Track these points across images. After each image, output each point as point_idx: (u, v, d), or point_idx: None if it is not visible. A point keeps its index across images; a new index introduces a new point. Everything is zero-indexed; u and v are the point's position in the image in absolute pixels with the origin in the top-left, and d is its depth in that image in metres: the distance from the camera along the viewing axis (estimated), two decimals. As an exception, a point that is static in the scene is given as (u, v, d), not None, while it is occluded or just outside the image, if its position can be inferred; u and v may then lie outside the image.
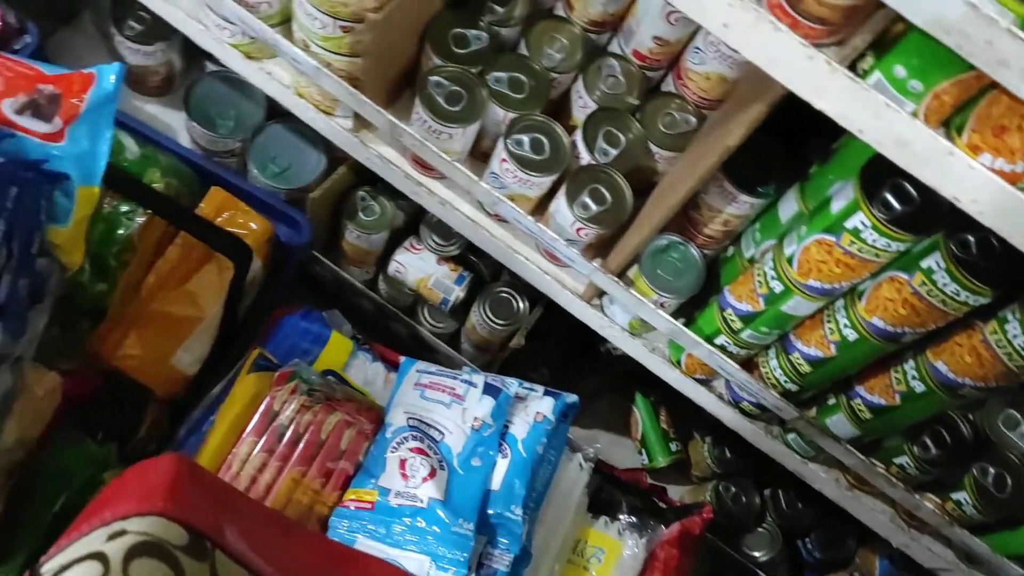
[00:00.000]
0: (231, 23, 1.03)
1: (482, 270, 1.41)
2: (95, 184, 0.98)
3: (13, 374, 0.93)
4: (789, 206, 1.00)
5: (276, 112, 1.44)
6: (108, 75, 0.98)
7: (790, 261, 0.91)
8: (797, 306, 0.95)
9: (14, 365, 0.93)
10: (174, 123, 1.47)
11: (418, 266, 1.39)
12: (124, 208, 1.14)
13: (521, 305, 1.40)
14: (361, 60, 0.97)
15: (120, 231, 1.13)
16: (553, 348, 1.46)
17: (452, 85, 1.01)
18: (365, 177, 1.38)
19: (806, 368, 1.01)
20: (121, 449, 1.12)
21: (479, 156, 1.10)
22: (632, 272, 1.05)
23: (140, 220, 1.14)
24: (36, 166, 0.92)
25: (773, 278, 0.94)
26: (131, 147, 1.19)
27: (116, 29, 1.39)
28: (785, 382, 1.05)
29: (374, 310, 1.51)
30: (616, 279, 1.01)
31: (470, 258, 1.40)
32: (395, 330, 1.52)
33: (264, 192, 1.30)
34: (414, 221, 1.41)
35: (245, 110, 1.41)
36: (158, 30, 1.39)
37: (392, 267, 1.40)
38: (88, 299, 1.11)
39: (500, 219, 1.09)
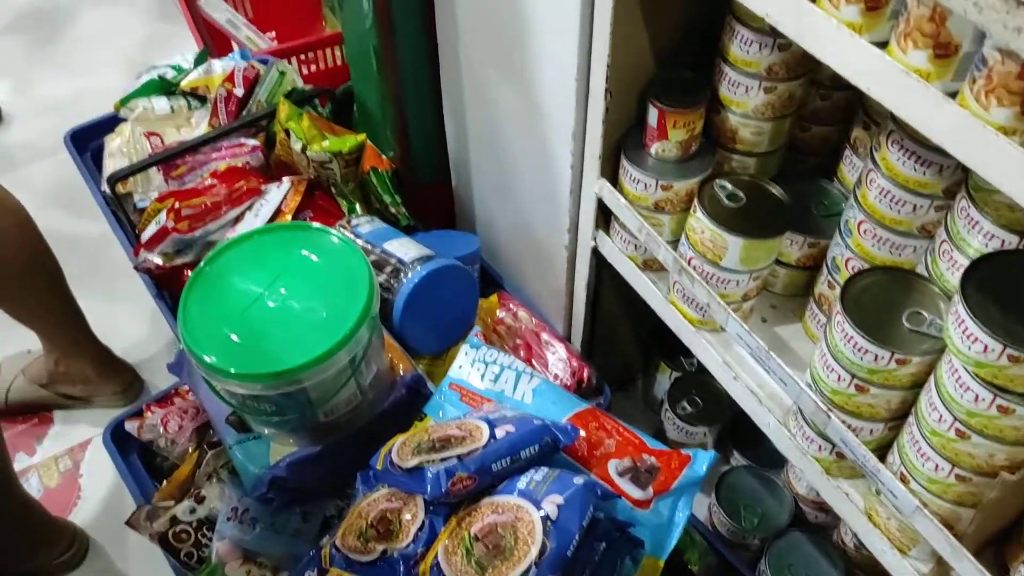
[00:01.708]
0: (823, 439, 1.05)
1: None
2: (661, 557, 1.01)
3: None
4: None
5: (799, 520, 1.42)
6: (703, 461, 1.04)
7: None
8: None
9: None
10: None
11: None
12: (655, 580, 1.16)
13: None
14: (972, 512, 0.91)
15: (648, 602, 1.14)
16: None
17: (1072, 565, 0.89)
18: (891, 618, 1.26)
19: None
20: None
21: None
22: None
23: (667, 596, 1.15)
24: (624, 527, 0.97)
25: None
26: (678, 523, 1.23)
27: (669, 406, 1.52)
28: None
29: None
30: None
31: None
32: None
33: (775, 600, 1.24)
34: None
35: (770, 510, 1.41)
36: (706, 416, 1.50)
37: None
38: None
39: None
